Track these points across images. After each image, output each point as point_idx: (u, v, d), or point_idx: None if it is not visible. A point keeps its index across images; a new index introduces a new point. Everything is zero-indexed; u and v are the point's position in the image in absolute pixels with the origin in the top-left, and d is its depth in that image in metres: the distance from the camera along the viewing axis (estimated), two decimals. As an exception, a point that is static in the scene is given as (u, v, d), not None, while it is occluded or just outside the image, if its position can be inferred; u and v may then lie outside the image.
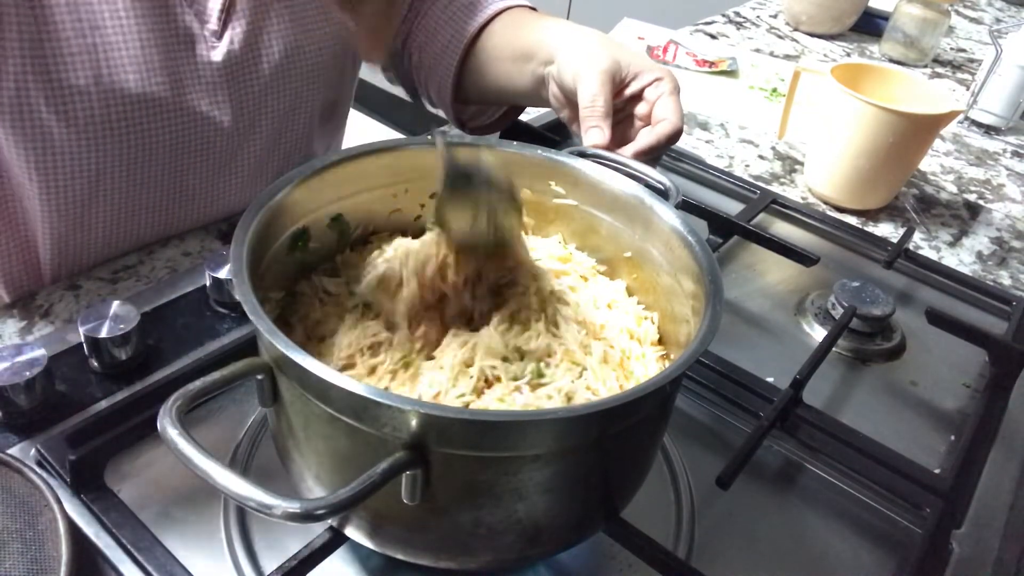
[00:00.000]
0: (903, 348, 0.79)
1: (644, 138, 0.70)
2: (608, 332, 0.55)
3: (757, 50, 1.48)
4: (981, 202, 1.09)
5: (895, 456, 0.62)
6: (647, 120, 0.73)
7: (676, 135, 0.70)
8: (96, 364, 0.61)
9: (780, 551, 0.58)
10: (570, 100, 0.77)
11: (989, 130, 1.29)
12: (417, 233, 0.63)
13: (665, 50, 1.36)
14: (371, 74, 2.89)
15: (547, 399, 0.48)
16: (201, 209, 0.80)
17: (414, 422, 0.39)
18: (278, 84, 0.78)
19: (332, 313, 0.54)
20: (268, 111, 0.79)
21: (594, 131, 0.69)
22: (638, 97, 0.73)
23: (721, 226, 0.87)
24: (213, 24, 0.72)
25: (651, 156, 0.70)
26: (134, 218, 0.75)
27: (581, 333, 0.53)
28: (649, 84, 0.73)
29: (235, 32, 0.73)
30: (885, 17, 1.53)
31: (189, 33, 0.70)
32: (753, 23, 1.61)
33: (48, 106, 0.65)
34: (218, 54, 0.72)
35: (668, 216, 0.56)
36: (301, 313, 0.54)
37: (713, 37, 1.50)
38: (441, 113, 0.97)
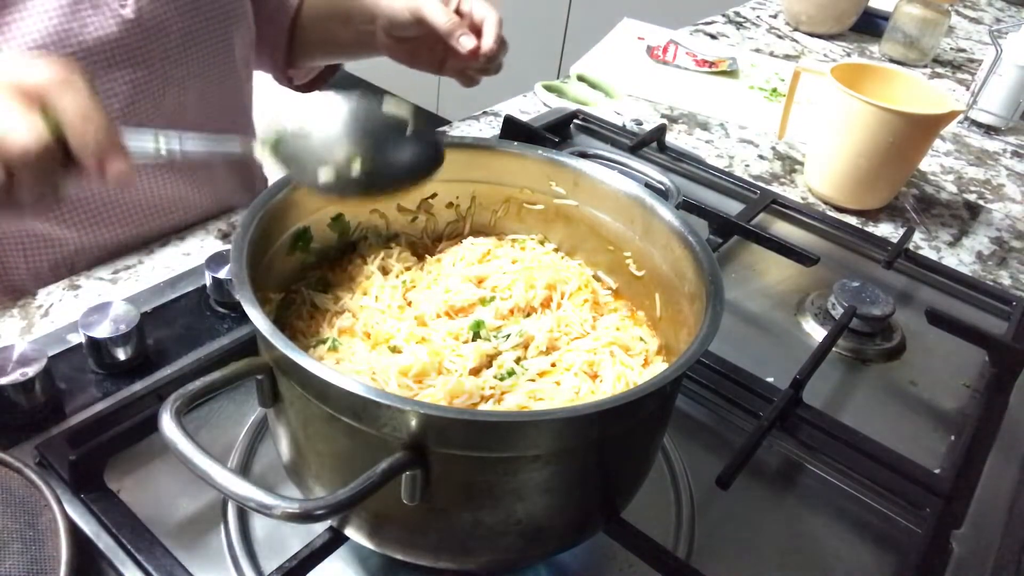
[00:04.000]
0: (903, 348, 0.79)
1: (487, 37, 0.78)
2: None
3: (757, 50, 1.48)
4: (981, 202, 1.09)
5: (895, 456, 0.62)
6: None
7: (499, 21, 0.79)
8: (96, 364, 0.61)
9: (780, 551, 0.58)
10: (404, 40, 0.84)
11: (989, 130, 1.29)
12: (415, 232, 0.63)
13: (665, 50, 1.36)
14: (372, 74, 2.89)
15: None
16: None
17: (414, 422, 0.39)
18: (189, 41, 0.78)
19: (314, 328, 0.54)
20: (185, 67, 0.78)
21: (466, 38, 0.77)
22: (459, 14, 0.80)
23: (721, 226, 0.87)
24: None
25: (500, 50, 0.78)
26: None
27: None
28: None
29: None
30: (885, 17, 1.53)
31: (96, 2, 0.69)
32: (753, 23, 1.61)
33: None
34: (129, 12, 0.70)
35: (668, 216, 0.56)
36: (289, 319, 0.54)
37: (713, 37, 1.50)
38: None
